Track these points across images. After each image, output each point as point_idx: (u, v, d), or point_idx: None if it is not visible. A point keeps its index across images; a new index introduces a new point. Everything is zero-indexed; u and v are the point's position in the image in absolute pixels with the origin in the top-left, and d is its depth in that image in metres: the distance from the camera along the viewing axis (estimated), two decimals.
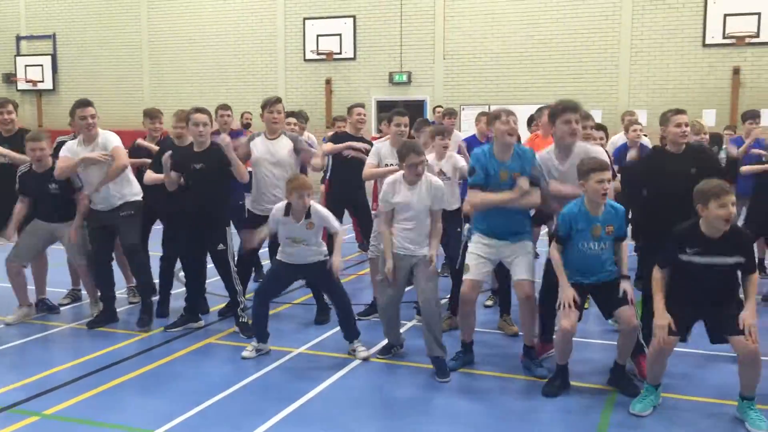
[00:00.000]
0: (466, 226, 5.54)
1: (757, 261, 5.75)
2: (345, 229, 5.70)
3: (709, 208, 4.05)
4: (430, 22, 17.44)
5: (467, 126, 14.91)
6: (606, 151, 5.83)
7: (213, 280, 6.63)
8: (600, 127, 7.01)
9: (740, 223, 6.87)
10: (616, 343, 4.79)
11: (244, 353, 5.39)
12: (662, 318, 4.20)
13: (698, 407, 4.46)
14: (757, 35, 14.91)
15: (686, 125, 5.32)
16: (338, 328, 5.64)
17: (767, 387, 4.51)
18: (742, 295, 4.31)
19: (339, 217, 7.22)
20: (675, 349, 4.38)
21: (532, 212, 5.35)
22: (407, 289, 5.42)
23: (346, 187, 7.15)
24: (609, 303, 4.67)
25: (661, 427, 4.19)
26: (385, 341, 5.49)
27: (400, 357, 5.41)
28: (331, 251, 5.43)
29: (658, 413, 4.36)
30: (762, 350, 4.15)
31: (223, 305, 6.58)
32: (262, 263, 7.94)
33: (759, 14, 14.87)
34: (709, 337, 4.42)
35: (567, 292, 4.52)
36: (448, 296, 6.25)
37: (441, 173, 6.44)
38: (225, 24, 19.28)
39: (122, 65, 20.38)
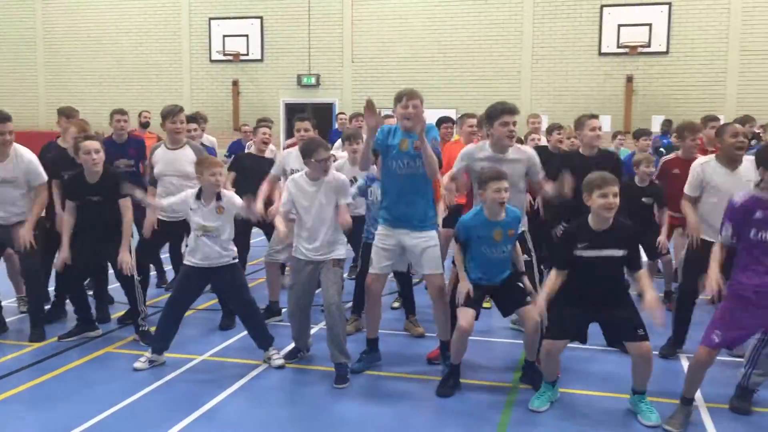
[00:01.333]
0: None
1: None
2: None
3: (593, 197, 4.23)
4: (338, 25, 17.47)
5: None
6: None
7: (113, 286, 6.39)
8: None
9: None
10: (522, 341, 4.92)
11: (137, 364, 5.17)
12: (539, 306, 4.35)
13: (594, 401, 4.64)
14: (648, 45, 15.73)
15: (600, 129, 5.55)
16: (244, 332, 5.54)
17: (658, 382, 4.76)
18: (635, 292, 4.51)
19: (248, 229, 7.08)
20: (572, 345, 4.55)
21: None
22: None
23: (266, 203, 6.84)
24: (509, 303, 4.79)
25: (557, 422, 4.33)
26: (291, 345, 5.45)
27: (307, 361, 5.38)
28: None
29: (556, 408, 4.51)
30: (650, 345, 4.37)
31: (123, 312, 6.35)
32: (165, 268, 7.73)
33: (650, 25, 15.70)
34: (606, 340, 4.61)
35: (462, 285, 4.61)
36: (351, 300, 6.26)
37: (354, 180, 6.46)
38: (126, 21, 18.67)
39: (15, 62, 19.39)
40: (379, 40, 17.26)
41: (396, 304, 6.79)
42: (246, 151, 9.11)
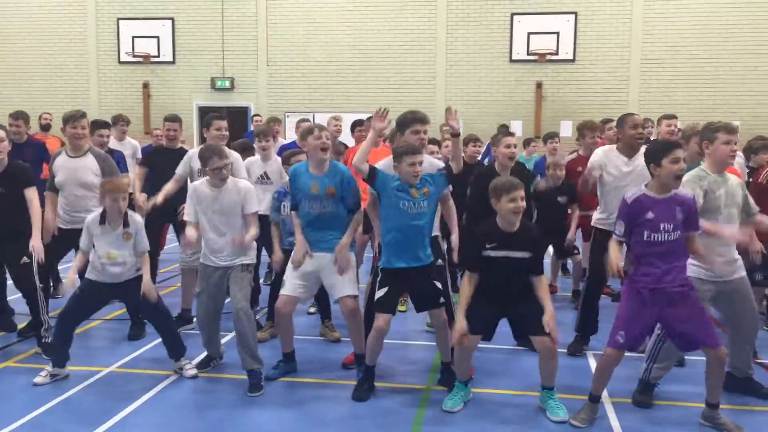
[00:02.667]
0: None
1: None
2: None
3: (501, 202, 4.35)
4: (252, 27, 17.26)
5: (292, 134, 14.90)
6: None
7: (14, 297, 6.08)
8: (432, 141, 7.32)
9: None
10: (434, 342, 4.97)
11: (37, 379, 4.93)
12: (459, 323, 4.40)
13: (505, 400, 4.74)
14: (556, 53, 16.26)
15: (515, 146, 5.68)
16: (156, 342, 5.39)
17: (566, 378, 4.92)
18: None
19: (159, 233, 6.92)
20: (484, 345, 4.64)
21: None
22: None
23: (167, 201, 6.67)
24: (423, 300, 4.81)
25: (470, 421, 4.41)
26: (203, 354, 5.33)
27: (220, 369, 5.27)
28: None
29: (469, 408, 4.58)
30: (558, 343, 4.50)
31: (24, 324, 6.05)
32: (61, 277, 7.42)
33: (557, 33, 16.23)
34: (513, 335, 4.72)
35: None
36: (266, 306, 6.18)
37: (264, 176, 6.39)
38: (29, 21, 17.85)
39: None
40: (294, 44, 17.15)
41: (312, 310, 6.75)
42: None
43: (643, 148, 5.23)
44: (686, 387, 4.86)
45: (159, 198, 5.91)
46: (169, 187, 5.97)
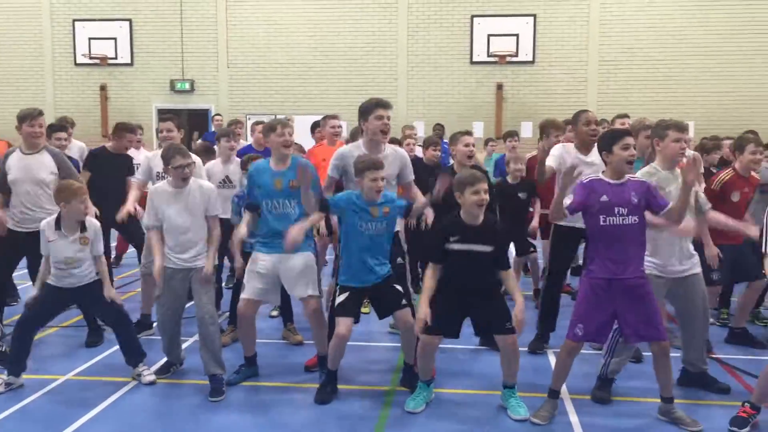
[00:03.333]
0: None
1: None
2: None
3: (465, 195, 4.37)
4: (212, 29, 17.10)
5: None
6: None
7: None
8: (394, 141, 7.37)
9: None
10: (398, 344, 4.98)
11: None
12: (421, 313, 4.39)
13: (467, 399, 4.78)
14: (516, 55, 16.44)
15: (473, 145, 5.72)
16: (113, 348, 5.30)
17: (527, 376, 4.97)
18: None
19: (105, 237, 6.76)
20: (446, 345, 4.66)
21: None
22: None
23: (112, 204, 6.33)
24: (386, 306, 4.82)
25: (432, 422, 4.42)
26: (163, 360, 5.26)
27: (180, 374, 5.20)
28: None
29: (431, 408, 4.60)
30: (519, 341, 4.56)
31: None
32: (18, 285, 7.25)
33: (517, 35, 16.41)
34: (475, 333, 4.76)
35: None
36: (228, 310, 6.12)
37: (226, 180, 6.34)
38: None
39: None
40: (254, 45, 17.04)
41: (275, 313, 6.71)
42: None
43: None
44: (643, 383, 4.95)
45: (129, 206, 5.83)
46: (135, 195, 5.90)
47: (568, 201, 4.27)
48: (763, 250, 4.39)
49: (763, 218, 6.07)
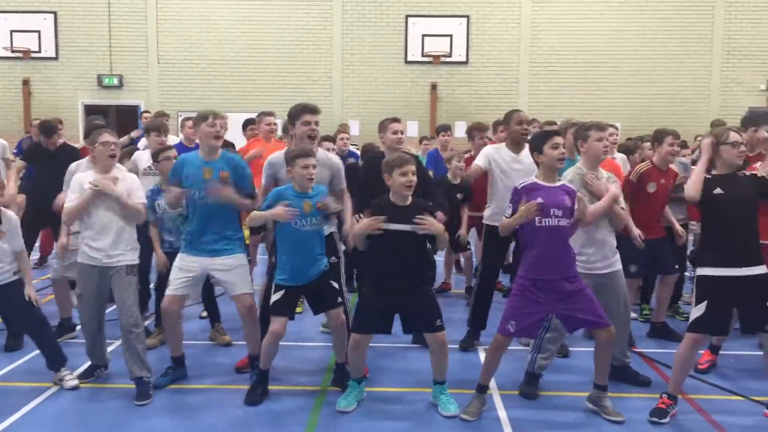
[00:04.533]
0: None
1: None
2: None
3: (393, 177, 4.39)
4: (142, 24, 16.67)
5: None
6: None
7: None
8: (328, 139, 7.36)
9: None
10: (331, 344, 4.96)
11: None
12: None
13: (398, 397, 4.80)
14: (450, 55, 16.62)
15: (402, 132, 5.74)
16: (34, 353, 5.10)
17: (458, 373, 5.03)
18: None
19: (35, 234, 6.56)
20: (378, 344, 4.67)
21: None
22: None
23: (47, 201, 6.22)
24: (320, 302, 4.79)
25: (364, 420, 4.42)
26: (87, 363, 5.10)
27: (104, 378, 5.05)
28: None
29: (363, 407, 4.60)
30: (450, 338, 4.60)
31: None
32: None
33: (451, 36, 16.59)
34: (403, 329, 4.76)
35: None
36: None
37: (152, 168, 6.21)
38: None
39: None
40: (186, 41, 16.69)
41: (204, 314, 6.58)
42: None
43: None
44: (570, 377, 5.07)
45: (63, 195, 5.65)
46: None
47: (509, 211, 4.36)
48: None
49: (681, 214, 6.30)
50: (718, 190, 4.27)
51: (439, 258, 8.10)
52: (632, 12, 16.51)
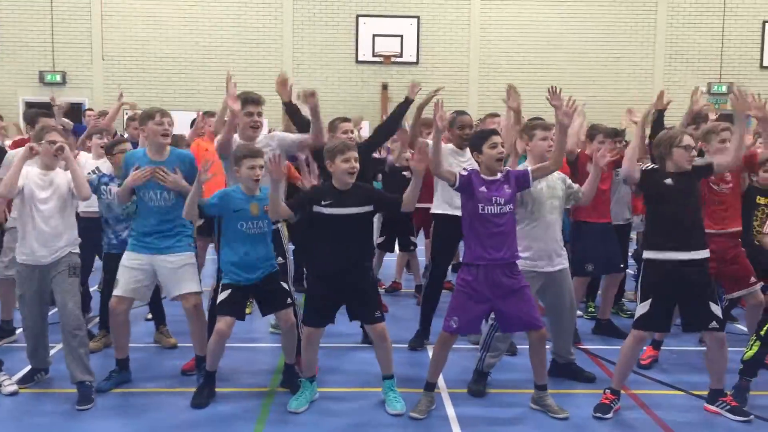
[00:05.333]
0: None
1: None
2: None
3: (336, 163, 4.40)
4: (86, 19, 16.27)
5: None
6: None
7: None
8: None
9: None
10: (280, 345, 4.92)
11: None
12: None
13: (348, 397, 4.78)
14: (401, 55, 16.68)
15: (352, 132, 5.75)
16: None
17: (407, 372, 5.04)
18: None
19: None
20: (327, 344, 4.65)
21: None
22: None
23: None
24: (269, 304, 4.75)
25: (312, 421, 4.40)
26: (27, 368, 4.94)
27: (45, 383, 4.89)
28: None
29: (311, 408, 4.57)
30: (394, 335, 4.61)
31: None
32: None
33: (401, 36, 16.64)
34: (350, 318, 4.75)
35: None
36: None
37: (97, 171, 6.06)
38: None
39: None
40: (131, 38, 16.35)
41: (150, 316, 6.46)
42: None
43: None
44: (518, 375, 5.12)
45: None
46: None
47: (458, 200, 4.44)
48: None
49: (625, 214, 6.46)
50: (669, 181, 4.40)
51: (391, 258, 8.13)
52: (577, 16, 16.83)
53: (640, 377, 5.16)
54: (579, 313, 6.38)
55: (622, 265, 6.25)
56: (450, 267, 6.56)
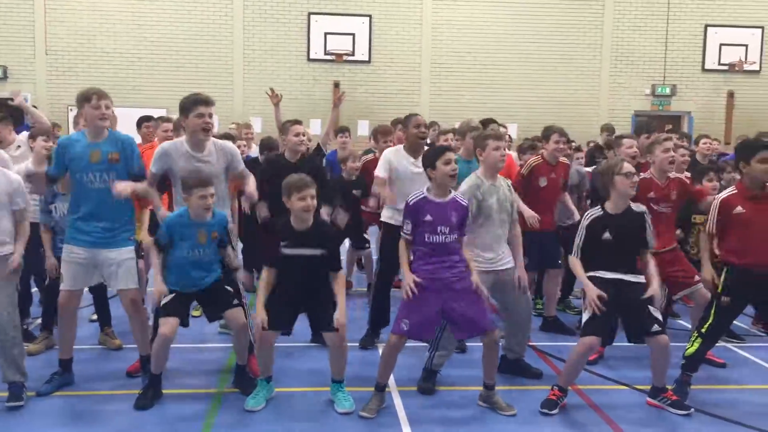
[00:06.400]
0: None
1: None
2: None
3: (292, 201, 4.39)
4: (28, 12, 15.80)
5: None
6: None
7: None
8: (228, 137, 7.20)
9: None
10: (229, 344, 4.86)
11: None
12: (258, 318, 4.40)
13: (299, 396, 4.76)
14: (353, 54, 16.65)
15: (303, 134, 5.70)
16: None
17: (357, 371, 5.03)
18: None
19: None
20: (279, 344, 4.61)
21: None
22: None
23: None
24: (215, 307, 4.72)
25: (260, 421, 4.36)
26: None
27: None
28: None
29: (271, 406, 4.54)
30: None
31: None
32: None
33: (354, 35, 16.61)
34: (311, 327, 4.74)
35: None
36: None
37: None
38: None
39: None
40: (77, 32, 15.94)
41: (95, 317, 6.31)
42: None
43: None
44: (467, 372, 5.17)
45: None
46: None
47: (407, 227, 4.45)
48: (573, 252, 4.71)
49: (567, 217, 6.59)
50: (606, 235, 4.50)
51: (342, 256, 8.09)
52: (527, 18, 17.04)
53: (587, 373, 5.25)
54: None
55: (560, 262, 6.35)
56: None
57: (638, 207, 4.66)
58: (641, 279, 4.55)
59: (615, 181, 4.52)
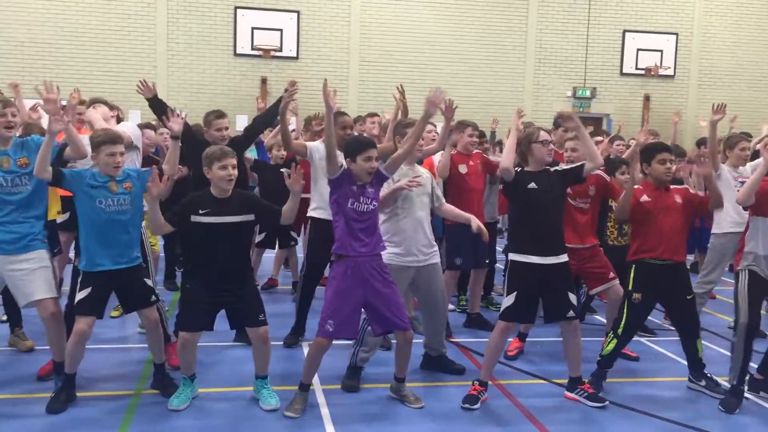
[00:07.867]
0: None
1: None
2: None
3: (213, 170, 4.33)
4: None
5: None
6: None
7: None
8: (150, 127, 7.07)
9: None
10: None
11: None
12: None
13: (221, 396, 4.68)
14: (281, 50, 16.49)
15: (226, 129, 5.64)
16: None
17: (282, 369, 4.99)
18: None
19: None
20: (200, 343, 4.52)
21: None
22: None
23: None
24: (133, 301, 4.58)
25: (180, 421, 4.27)
26: None
27: None
28: None
29: (191, 407, 4.45)
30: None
31: None
32: None
33: (281, 30, 16.45)
34: (230, 324, 4.63)
35: None
36: None
37: None
38: None
39: None
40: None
41: (4, 317, 6.03)
42: None
43: None
44: (391, 369, 5.15)
45: None
46: None
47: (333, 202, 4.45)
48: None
49: (495, 212, 6.73)
50: (532, 185, 4.59)
51: (270, 254, 8.01)
52: (454, 18, 17.28)
53: (507, 368, 5.37)
54: (451, 306, 6.57)
55: (488, 261, 6.46)
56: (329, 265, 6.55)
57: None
58: (564, 259, 4.65)
59: (532, 149, 4.66)
